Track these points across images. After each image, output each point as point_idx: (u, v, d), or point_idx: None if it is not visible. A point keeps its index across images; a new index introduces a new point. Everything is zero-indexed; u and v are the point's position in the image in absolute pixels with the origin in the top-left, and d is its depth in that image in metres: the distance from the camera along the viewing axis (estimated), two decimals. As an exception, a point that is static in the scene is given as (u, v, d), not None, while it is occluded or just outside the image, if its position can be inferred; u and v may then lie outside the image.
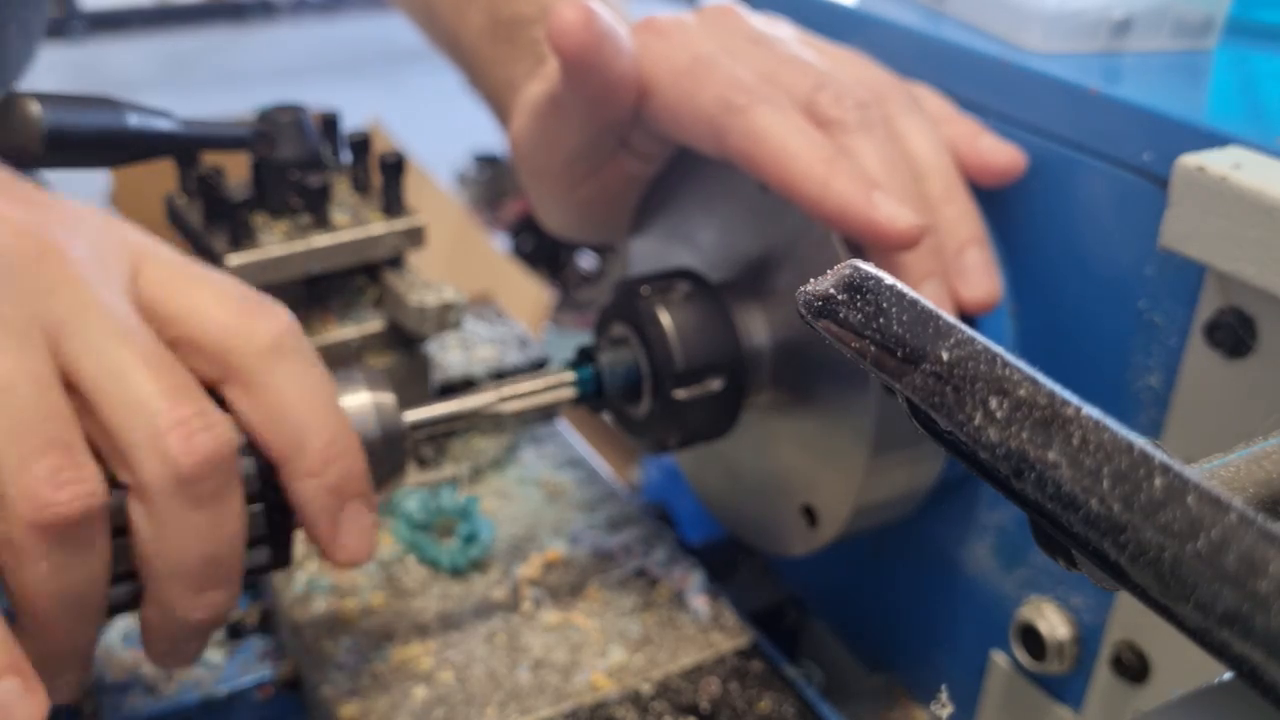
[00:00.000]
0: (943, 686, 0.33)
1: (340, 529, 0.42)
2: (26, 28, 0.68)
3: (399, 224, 0.57)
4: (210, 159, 0.55)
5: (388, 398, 0.44)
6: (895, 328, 0.24)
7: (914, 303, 0.24)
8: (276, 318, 0.40)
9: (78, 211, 0.39)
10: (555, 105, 0.50)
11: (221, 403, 0.39)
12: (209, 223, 0.55)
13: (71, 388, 0.36)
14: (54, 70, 3.69)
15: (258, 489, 0.40)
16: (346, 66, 4.01)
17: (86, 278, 0.37)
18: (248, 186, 0.56)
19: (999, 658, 0.54)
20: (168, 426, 0.36)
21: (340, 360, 0.57)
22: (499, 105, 0.59)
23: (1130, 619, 0.48)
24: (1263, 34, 0.58)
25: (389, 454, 0.44)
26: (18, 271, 0.35)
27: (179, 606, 0.39)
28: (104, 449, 0.36)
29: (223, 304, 0.39)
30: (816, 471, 0.52)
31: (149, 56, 4.06)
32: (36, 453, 0.34)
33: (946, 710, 0.31)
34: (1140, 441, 0.20)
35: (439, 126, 2.38)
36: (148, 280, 0.39)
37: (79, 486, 0.35)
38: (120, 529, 0.37)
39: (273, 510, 0.41)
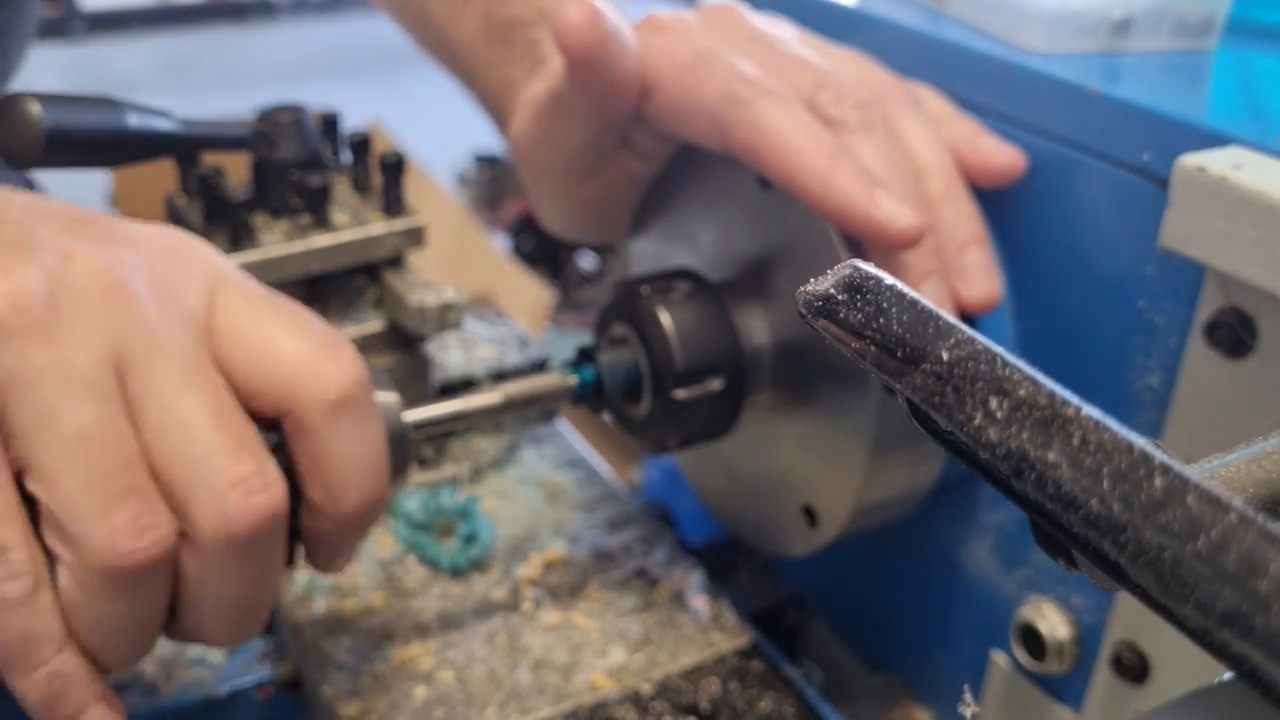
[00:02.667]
0: (965, 687, 0.33)
1: (337, 558, 0.43)
2: (12, 29, 0.68)
3: (399, 224, 0.57)
4: (210, 159, 0.55)
5: (391, 396, 0.44)
6: (895, 328, 0.24)
7: (914, 303, 0.24)
8: (345, 368, 0.39)
9: (153, 237, 0.39)
10: (557, 104, 0.50)
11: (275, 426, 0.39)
12: (209, 223, 0.55)
13: (134, 426, 0.36)
14: (54, 70, 3.69)
15: None
16: (346, 66, 4.01)
17: (156, 318, 0.36)
18: (248, 186, 0.56)
19: (999, 658, 0.54)
20: (227, 485, 0.36)
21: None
22: (496, 107, 0.59)
23: (1130, 619, 0.48)
24: (1263, 34, 0.58)
25: (393, 453, 0.44)
26: (87, 314, 0.35)
27: (210, 636, 0.40)
28: (161, 490, 0.36)
29: (296, 345, 0.39)
30: (816, 471, 0.52)
31: (149, 56, 4.06)
32: (116, 501, 0.35)
33: (971, 710, 0.31)
34: (1140, 441, 0.20)
35: (439, 126, 2.38)
36: (222, 311, 0.39)
37: (157, 532, 0.35)
38: None
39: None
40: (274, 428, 0.39)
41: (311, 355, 0.39)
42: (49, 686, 0.36)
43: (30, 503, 0.35)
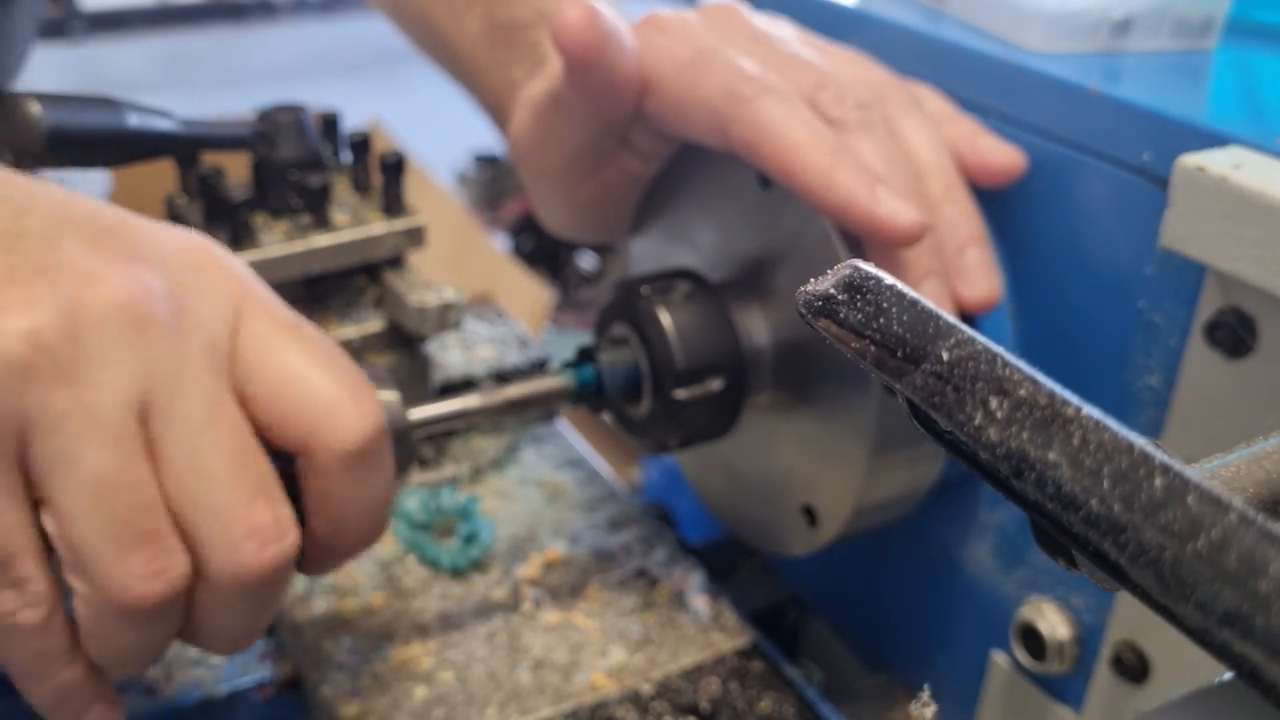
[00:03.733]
0: (925, 686, 0.33)
1: (325, 571, 0.44)
2: (13, 26, 0.68)
3: (399, 224, 0.57)
4: (210, 159, 0.55)
5: (393, 395, 0.44)
6: (895, 328, 0.24)
7: (914, 303, 0.24)
8: (366, 416, 0.39)
9: (181, 254, 0.37)
10: (557, 104, 0.50)
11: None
12: (209, 223, 0.55)
13: (152, 457, 0.36)
14: (54, 70, 3.69)
15: None
16: (346, 66, 4.01)
17: (179, 355, 0.36)
18: (248, 186, 0.56)
19: (999, 658, 0.54)
20: (242, 536, 0.36)
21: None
22: (497, 108, 0.59)
23: (1130, 619, 0.48)
24: (1263, 34, 0.58)
25: (395, 451, 0.44)
26: (110, 353, 0.34)
27: (212, 649, 0.41)
28: (178, 529, 0.36)
29: (318, 386, 0.38)
30: (816, 471, 0.52)
31: (149, 56, 4.06)
32: (131, 546, 0.35)
33: (930, 709, 0.31)
34: (1140, 441, 0.20)
35: (439, 126, 2.38)
36: (247, 339, 0.38)
37: (171, 574, 0.36)
38: None
39: None
40: (290, 458, 0.39)
41: (333, 400, 0.38)
42: (57, 694, 0.38)
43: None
